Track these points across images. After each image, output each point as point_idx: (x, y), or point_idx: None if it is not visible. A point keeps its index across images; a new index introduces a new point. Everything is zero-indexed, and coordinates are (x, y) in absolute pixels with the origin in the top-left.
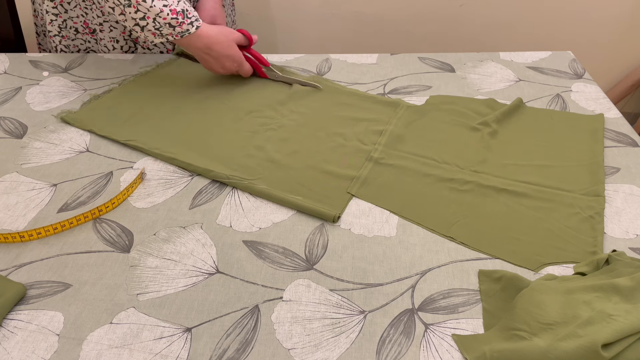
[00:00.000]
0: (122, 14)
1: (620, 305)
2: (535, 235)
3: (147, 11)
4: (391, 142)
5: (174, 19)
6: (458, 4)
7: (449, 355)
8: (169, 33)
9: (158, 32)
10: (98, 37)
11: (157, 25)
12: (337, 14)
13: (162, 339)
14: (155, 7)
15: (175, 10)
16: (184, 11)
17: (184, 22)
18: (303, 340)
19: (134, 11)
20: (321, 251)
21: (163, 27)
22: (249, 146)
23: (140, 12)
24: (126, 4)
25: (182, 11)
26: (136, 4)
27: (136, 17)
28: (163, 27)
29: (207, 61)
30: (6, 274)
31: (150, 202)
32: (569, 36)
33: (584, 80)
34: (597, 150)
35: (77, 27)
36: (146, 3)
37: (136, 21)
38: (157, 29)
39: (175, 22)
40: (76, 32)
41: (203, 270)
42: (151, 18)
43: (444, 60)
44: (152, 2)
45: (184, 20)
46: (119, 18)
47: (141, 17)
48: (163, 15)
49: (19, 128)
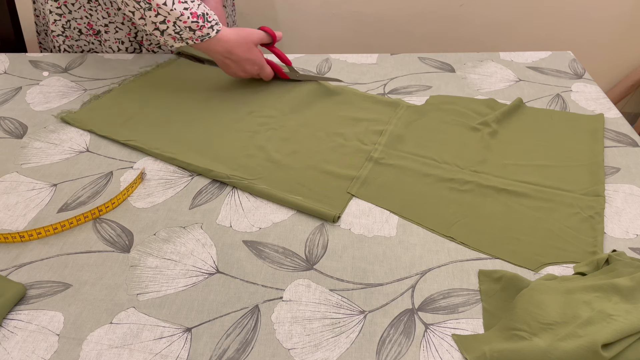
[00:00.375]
0: (142, 18)
1: (620, 305)
2: (535, 235)
3: (167, 15)
4: (391, 142)
5: (195, 22)
6: (458, 4)
7: (449, 355)
8: (189, 37)
9: (178, 36)
10: (102, 39)
11: (177, 29)
12: (337, 14)
13: (162, 339)
14: (176, 10)
15: (195, 13)
16: (204, 15)
17: (204, 25)
18: (303, 340)
19: (154, 15)
20: (321, 251)
21: (183, 31)
22: (249, 146)
23: (161, 15)
24: (146, 8)
25: (203, 15)
26: (157, 8)
27: (156, 20)
28: (183, 30)
29: (228, 65)
30: (6, 274)
31: (150, 202)
32: (569, 36)
33: (584, 80)
34: (597, 150)
35: (81, 28)
36: (167, 6)
37: (156, 25)
38: (177, 33)
39: (195, 26)
40: (80, 33)
41: (203, 270)
42: (171, 22)
43: (444, 60)
44: (172, 6)
45: (204, 24)
46: (139, 22)
47: (161, 21)
48: (183, 18)
49: (19, 128)
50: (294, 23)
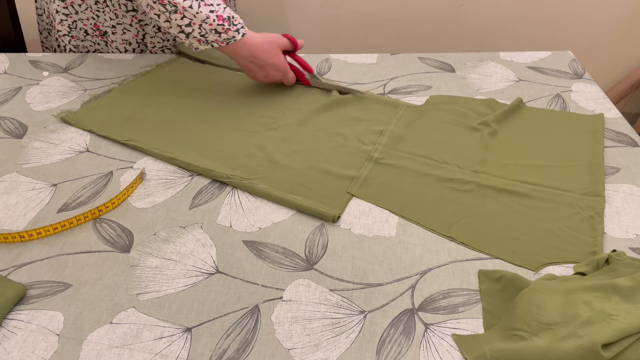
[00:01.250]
0: (168, 21)
1: (620, 305)
2: (535, 235)
3: (193, 17)
4: (391, 142)
5: (220, 25)
6: (458, 4)
7: (449, 355)
8: (215, 40)
9: (203, 39)
10: (109, 40)
11: (202, 31)
12: (337, 14)
13: (162, 339)
14: (202, 13)
15: (221, 16)
16: (230, 18)
17: (230, 28)
18: (303, 340)
19: (180, 17)
20: (321, 251)
21: (209, 34)
22: (249, 146)
23: (187, 18)
24: (172, 11)
25: (229, 18)
26: (182, 10)
27: (182, 23)
28: (209, 33)
29: (252, 70)
30: (6, 274)
31: (150, 202)
32: (569, 36)
33: (584, 80)
34: (597, 150)
35: (87, 29)
36: (192, 9)
37: (181, 28)
38: (202, 36)
39: (221, 29)
40: (85, 34)
41: (203, 270)
42: (197, 24)
43: (444, 60)
44: (198, 8)
45: (230, 27)
46: (164, 25)
47: (187, 24)
48: (209, 21)
49: (19, 128)
50: (294, 23)
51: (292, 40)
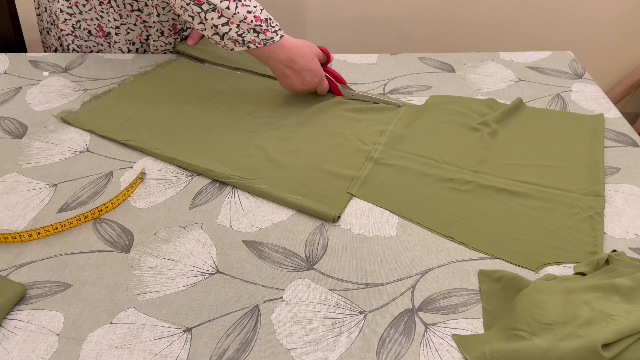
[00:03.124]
0: (202, 22)
1: (620, 305)
2: (535, 235)
3: (230, 17)
4: (391, 142)
5: (258, 25)
6: (458, 4)
7: (449, 355)
8: (252, 40)
9: (240, 39)
10: (112, 40)
11: (240, 31)
12: (337, 15)
13: (162, 339)
14: (239, 13)
15: (259, 17)
16: (267, 19)
17: (267, 29)
18: (303, 340)
19: (217, 16)
20: (321, 251)
21: (246, 34)
22: (249, 146)
23: (224, 17)
24: (209, 9)
25: (266, 19)
26: (221, 10)
27: (218, 23)
28: (246, 33)
29: (287, 76)
30: (6, 274)
31: (150, 202)
32: (569, 36)
33: (584, 80)
34: (597, 150)
35: (91, 29)
36: (230, 10)
37: (217, 28)
38: (239, 35)
39: (259, 29)
40: (89, 34)
41: (203, 270)
42: (235, 24)
43: (444, 60)
44: (236, 9)
45: (268, 27)
46: (198, 27)
47: (223, 23)
48: (247, 21)
49: (19, 128)
50: (295, 23)
51: (325, 52)
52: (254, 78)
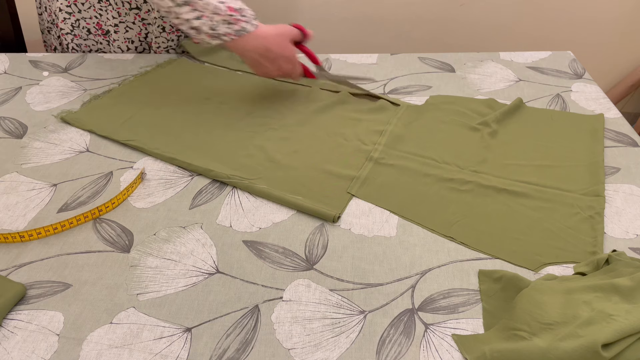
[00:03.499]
0: (177, 17)
1: (620, 305)
2: (535, 235)
3: (203, 10)
4: (391, 142)
5: (231, 15)
6: (458, 4)
7: (449, 355)
8: (226, 32)
9: (214, 32)
10: (111, 39)
11: (213, 24)
12: (337, 14)
13: (162, 339)
14: (211, 4)
15: (231, 7)
16: (240, 9)
17: (240, 19)
18: (303, 340)
19: (190, 10)
20: (321, 251)
21: (219, 26)
22: (249, 146)
23: (197, 11)
24: (181, 3)
25: (239, 9)
26: (192, 3)
27: (191, 17)
28: (219, 25)
29: (262, 65)
30: (6, 274)
31: (150, 202)
32: (569, 36)
33: (584, 80)
34: (597, 150)
35: (90, 27)
36: (201, 1)
37: (191, 23)
38: (212, 29)
39: (232, 19)
40: (88, 33)
41: (203, 270)
42: (207, 17)
43: (444, 60)
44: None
45: (241, 17)
46: (175, 22)
47: (196, 17)
48: (219, 12)
49: (19, 128)
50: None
51: (302, 30)
52: (254, 78)
